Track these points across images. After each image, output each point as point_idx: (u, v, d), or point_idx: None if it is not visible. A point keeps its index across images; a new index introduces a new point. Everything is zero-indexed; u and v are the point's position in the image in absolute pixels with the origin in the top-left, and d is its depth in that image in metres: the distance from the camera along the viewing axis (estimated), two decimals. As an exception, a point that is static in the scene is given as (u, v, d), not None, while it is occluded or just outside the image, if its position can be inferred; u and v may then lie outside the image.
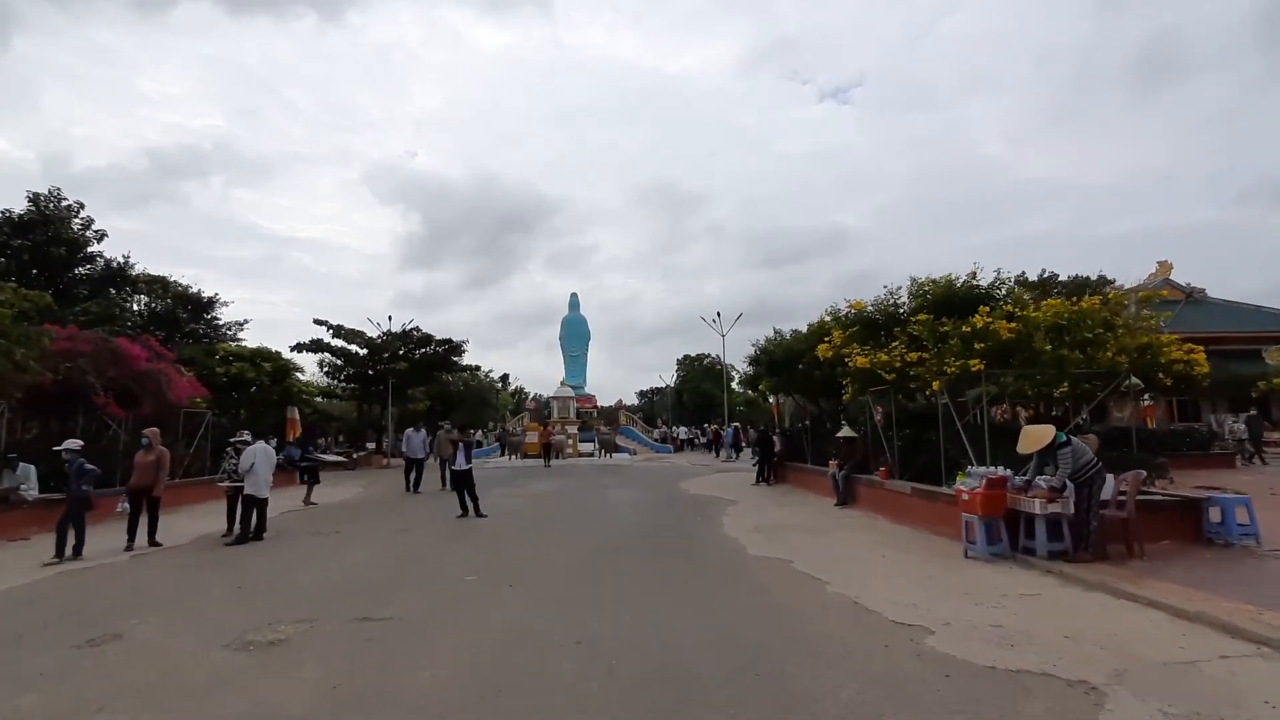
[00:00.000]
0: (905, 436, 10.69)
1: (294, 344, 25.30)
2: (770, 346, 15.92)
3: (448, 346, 28.17)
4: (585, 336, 43.21)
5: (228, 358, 17.62)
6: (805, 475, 14.90)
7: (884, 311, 10.86)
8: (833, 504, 11.76)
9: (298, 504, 13.36)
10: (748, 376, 17.09)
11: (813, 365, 14.25)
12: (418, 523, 10.49)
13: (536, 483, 17.93)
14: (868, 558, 7.30)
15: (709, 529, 9.55)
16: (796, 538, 8.64)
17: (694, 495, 14.36)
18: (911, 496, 9.19)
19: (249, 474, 9.31)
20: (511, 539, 8.72)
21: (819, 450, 14.76)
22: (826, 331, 14.47)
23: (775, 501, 12.91)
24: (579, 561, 7.13)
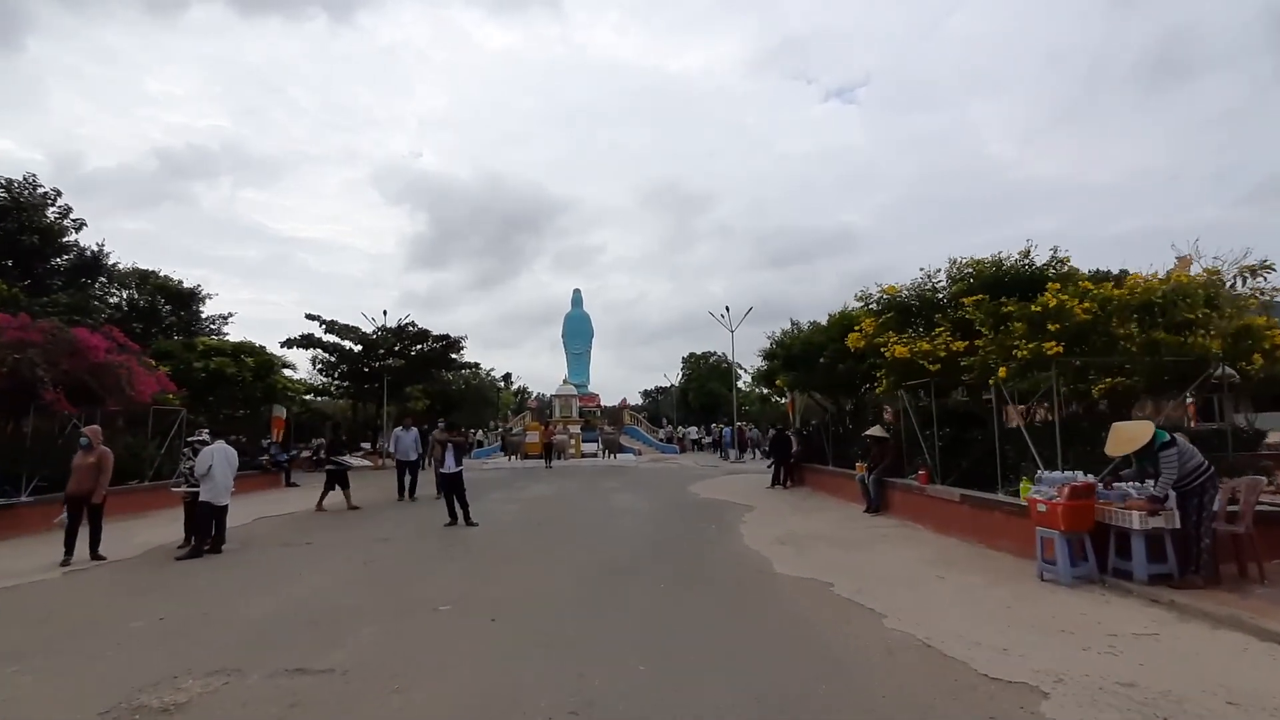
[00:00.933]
0: (945, 436, 9.51)
1: (284, 339, 24.32)
2: (787, 339, 14.75)
3: (445, 343, 27.08)
4: (588, 334, 42.06)
5: (208, 352, 16.55)
6: (826, 478, 13.72)
7: (920, 296, 9.69)
8: (861, 511, 10.60)
9: (277, 509, 12.27)
10: (761, 372, 15.93)
11: (835, 359, 13.10)
12: (401, 532, 9.36)
13: (536, 486, 16.80)
14: (922, 579, 6.14)
15: (727, 540, 8.39)
16: (829, 552, 7.48)
17: (705, 500, 13.20)
18: (960, 505, 8.02)
19: (205, 478, 8.21)
20: (501, 554, 7.58)
21: (841, 451, 13.58)
22: (851, 321, 13.32)
23: (795, 507, 11.74)
24: (578, 585, 5.98)
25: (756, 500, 12.86)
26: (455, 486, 9.87)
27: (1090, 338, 6.73)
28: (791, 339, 14.63)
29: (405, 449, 13.67)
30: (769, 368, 15.52)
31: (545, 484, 17.30)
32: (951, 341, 8.33)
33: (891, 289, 9.98)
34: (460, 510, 9.80)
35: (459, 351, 27.77)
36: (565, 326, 42.27)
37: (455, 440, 10.25)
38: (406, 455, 13.66)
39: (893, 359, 8.61)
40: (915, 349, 8.32)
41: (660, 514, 11.10)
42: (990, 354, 7.25)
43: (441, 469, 10.11)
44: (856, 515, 10.41)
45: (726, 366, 53.60)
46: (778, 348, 14.87)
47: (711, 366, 52.86)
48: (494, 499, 13.64)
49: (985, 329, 7.62)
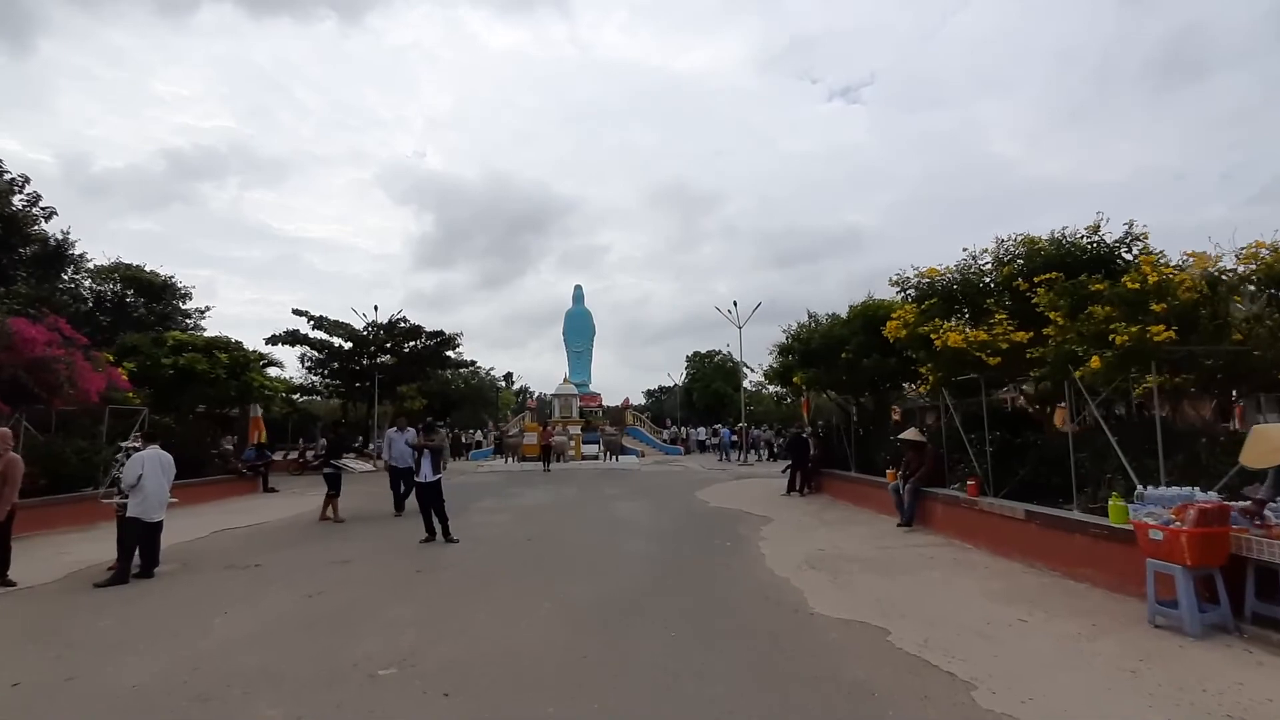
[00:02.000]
0: (995, 441, 8.21)
1: (268, 336, 23.15)
2: (804, 333, 13.47)
3: (440, 339, 25.88)
4: (590, 331, 40.76)
5: (178, 348, 15.35)
6: (848, 485, 12.44)
7: (965, 280, 8.42)
8: (895, 525, 9.33)
9: (245, 519, 11.05)
10: (775, 370, 14.64)
11: (859, 353, 11.84)
12: (367, 552, 8.12)
13: (531, 492, 15.55)
14: (999, 623, 4.86)
15: (747, 563, 7.13)
16: (871, 581, 6.21)
17: (716, 509, 11.93)
18: (1026, 523, 6.74)
19: (134, 489, 6.99)
20: (477, 585, 6.32)
21: (865, 456, 12.29)
22: (877, 312, 12.05)
23: (818, 519, 10.46)
24: (565, 634, 4.72)
25: (773, 510, 11.59)
26: (433, 498, 8.63)
27: (1197, 321, 5.45)
28: (809, 333, 13.35)
29: (400, 453, 11.67)
30: (784, 365, 14.24)
31: (541, 490, 16.05)
32: (1012, 331, 7.05)
33: (933, 271, 8.69)
34: (439, 525, 8.58)
35: (454, 349, 26.60)
36: (566, 324, 40.99)
37: (430, 445, 8.98)
38: (402, 460, 11.68)
39: (943, 350, 7.33)
40: (971, 339, 7.04)
41: (666, 528, 9.84)
42: (1069, 342, 5.97)
43: (417, 478, 8.86)
44: (889, 530, 9.14)
45: (732, 365, 52.31)
46: (794, 342, 13.59)
47: (717, 365, 51.55)
48: (482, 508, 12.40)
49: (1058, 315, 6.33)
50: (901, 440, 9.70)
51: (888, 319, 12.01)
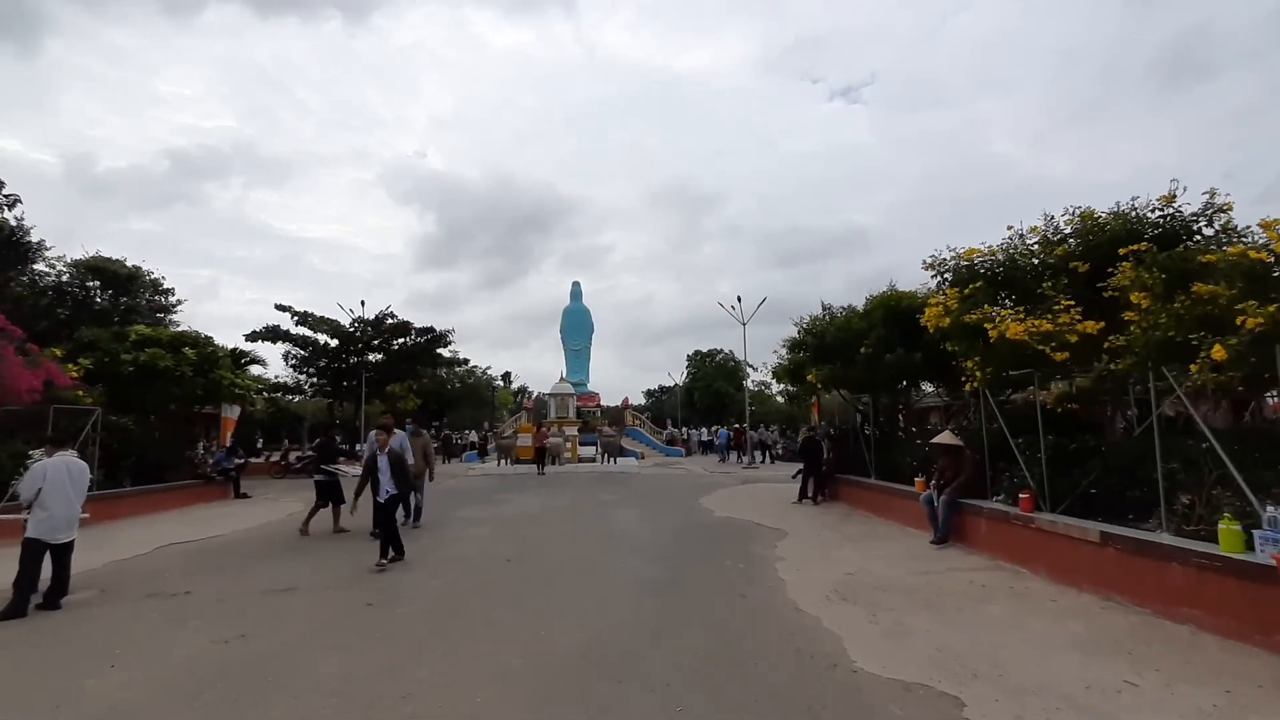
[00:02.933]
0: (1050, 446, 7.06)
1: (248, 332, 22.01)
2: (818, 326, 12.33)
3: (430, 336, 24.74)
4: (588, 329, 39.57)
5: (141, 342, 14.20)
6: (867, 493, 11.30)
7: (1013, 261, 7.29)
8: (928, 541, 8.21)
9: (200, 532, 9.92)
10: (785, 367, 13.50)
11: (881, 348, 10.70)
12: (319, 576, 6.97)
13: (521, 498, 14.41)
14: (1102, 687, 3.73)
15: (765, 593, 5.99)
16: (921, 620, 5.08)
17: (723, 520, 10.80)
18: (1102, 548, 5.60)
19: (35, 504, 5.86)
20: (436, 627, 5.17)
21: (887, 461, 11.14)
22: (901, 303, 10.93)
23: (839, 533, 9.33)
24: (536, 708, 3.59)
25: (786, 520, 10.45)
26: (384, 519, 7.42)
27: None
28: (824, 326, 12.21)
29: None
30: (795, 361, 13.10)
31: (532, 495, 14.91)
32: (1077, 320, 5.92)
33: (972, 252, 7.56)
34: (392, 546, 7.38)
35: (445, 346, 25.44)
36: (563, 321, 39.78)
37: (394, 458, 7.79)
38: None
39: (998, 343, 6.19)
40: (1034, 330, 5.91)
41: (668, 544, 8.70)
42: (1161, 328, 4.84)
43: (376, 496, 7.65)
44: (923, 548, 8.01)
45: (734, 364, 51.18)
46: (807, 336, 12.44)
47: (718, 365, 50.45)
48: (464, 517, 11.27)
49: (1144, 296, 5.20)
50: (934, 445, 8.57)
51: (912, 310, 10.92)
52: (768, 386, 43.95)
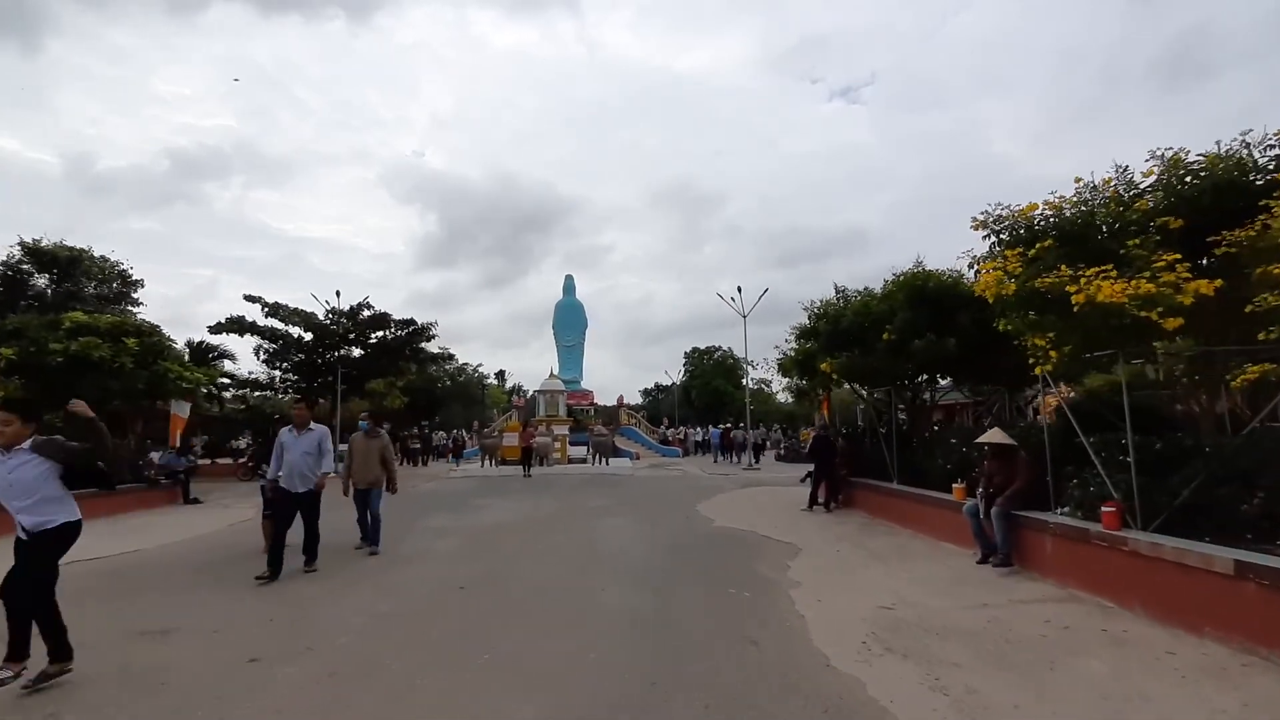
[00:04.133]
0: (1140, 445, 5.65)
1: (212, 325, 20.53)
2: (833, 311, 10.92)
3: (411, 330, 23.26)
4: (582, 324, 38.07)
5: (76, 330, 12.74)
6: (890, 500, 9.89)
7: (1090, 214, 5.88)
8: (973, 560, 6.82)
9: (126, 544, 8.45)
10: (793, 358, 12.10)
11: (908, 333, 9.32)
12: (206, 612, 5.54)
13: (500, 504, 12.99)
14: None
15: (782, 638, 4.58)
16: (996, 684, 3.68)
17: (724, 531, 9.40)
18: (1237, 582, 4.19)
19: None
20: (324, 700, 3.75)
21: (913, 464, 9.73)
22: (924, 283, 9.55)
23: (861, 547, 7.93)
24: None
25: (797, 532, 9.05)
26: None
27: None
28: (839, 310, 10.81)
29: (294, 469, 6.62)
30: (804, 351, 11.70)
31: (514, 500, 13.49)
32: (1187, 278, 4.53)
33: (1033, 207, 6.14)
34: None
35: (428, 339, 23.95)
36: (556, 316, 38.27)
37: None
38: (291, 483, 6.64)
39: (1086, 311, 4.78)
40: (1134, 291, 4.51)
41: (660, 564, 7.29)
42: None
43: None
44: (970, 570, 6.62)
45: (733, 362, 49.79)
46: (820, 322, 11.03)
47: (716, 362, 49.07)
48: (429, 528, 9.84)
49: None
50: (981, 445, 7.16)
51: (941, 292, 9.54)
52: (768, 384, 42.64)
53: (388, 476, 8.09)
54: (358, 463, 7.93)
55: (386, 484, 8.10)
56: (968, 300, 9.38)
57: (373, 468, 7.93)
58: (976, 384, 9.99)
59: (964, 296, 9.41)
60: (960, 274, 9.65)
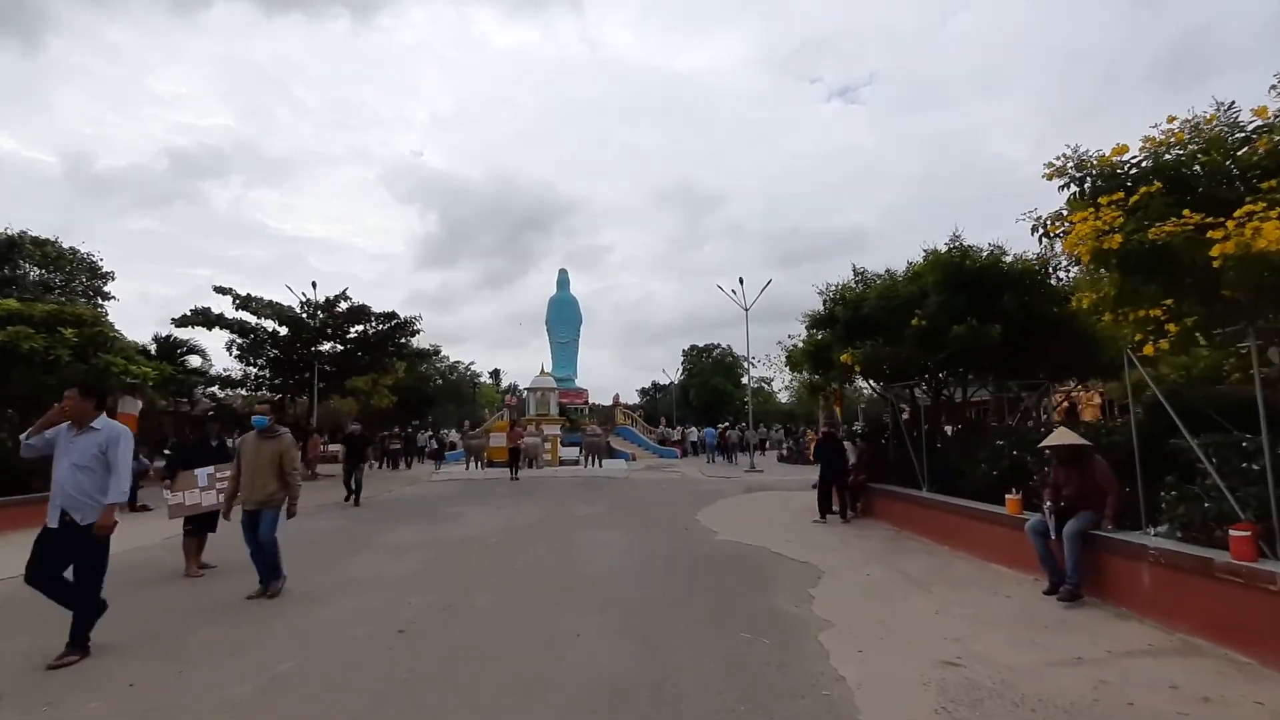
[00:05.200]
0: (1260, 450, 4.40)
1: (176, 317, 19.19)
2: (853, 295, 9.66)
3: (392, 323, 21.92)
4: (576, 320, 36.69)
5: (7, 319, 11.41)
6: (919, 510, 8.61)
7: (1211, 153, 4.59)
8: (1040, 589, 5.56)
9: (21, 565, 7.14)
10: (803, 350, 10.84)
11: (943, 317, 8.08)
12: (31, 666, 4.25)
13: (478, 513, 11.69)
14: None
15: (823, 714, 3.31)
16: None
17: (729, 547, 8.12)
18: None
19: None
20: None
21: (946, 469, 8.45)
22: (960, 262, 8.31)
23: (895, 569, 6.64)
24: None
25: (814, 548, 7.77)
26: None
27: None
28: (859, 294, 9.54)
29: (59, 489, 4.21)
30: (817, 342, 10.43)
31: (494, 508, 12.19)
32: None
33: (1121, 149, 4.86)
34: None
35: (411, 334, 22.61)
36: (549, 311, 36.86)
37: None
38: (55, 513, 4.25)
39: (1239, 264, 3.47)
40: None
41: (655, 594, 6.00)
42: None
43: None
44: (1035, 600, 5.36)
45: (732, 360, 48.55)
46: (837, 307, 9.76)
47: (716, 360, 47.80)
48: (389, 543, 8.54)
49: None
50: (1045, 448, 5.89)
51: (981, 272, 8.28)
52: (768, 383, 41.41)
53: (289, 495, 5.86)
54: (245, 473, 5.85)
55: (287, 505, 5.87)
56: (1013, 280, 8.15)
57: (265, 481, 5.77)
58: (1017, 377, 8.72)
59: (1009, 276, 8.17)
60: (1001, 250, 8.40)
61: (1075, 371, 9.09)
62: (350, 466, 12.87)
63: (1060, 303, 7.91)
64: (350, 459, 12.97)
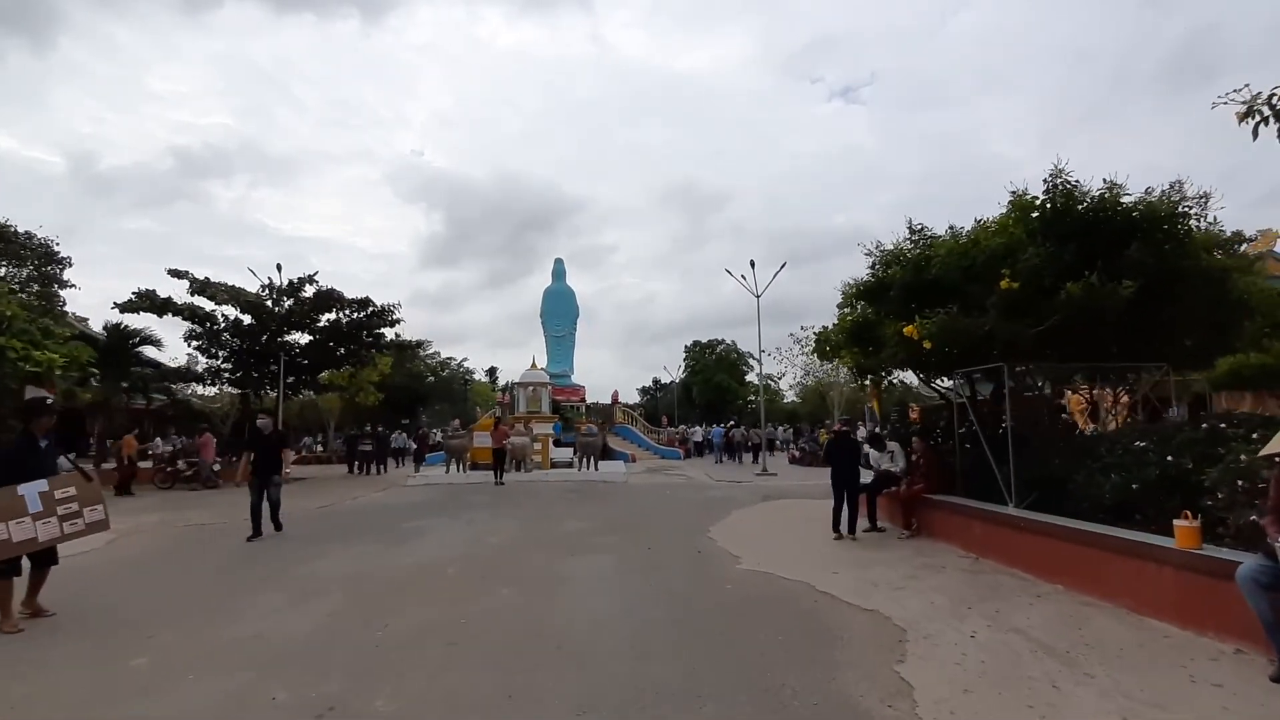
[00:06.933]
0: None
1: (121, 302, 17.13)
2: (913, 254, 7.62)
3: (369, 311, 19.85)
4: (573, 313, 34.55)
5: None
6: (1002, 533, 6.52)
7: None
8: (1260, 668, 3.52)
9: None
10: (840, 329, 8.81)
11: (1054, 273, 6.06)
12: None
13: (445, 527, 9.65)
14: None
15: None
16: None
17: (757, 580, 6.07)
18: None
19: None
20: None
21: (1036, 478, 6.39)
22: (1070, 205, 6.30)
23: (1014, 630, 4.57)
24: None
25: (873, 585, 5.72)
26: None
27: None
28: (919, 254, 7.49)
29: None
30: (860, 317, 8.40)
31: (464, 522, 10.14)
32: None
33: None
34: None
35: (390, 324, 20.54)
36: (544, 303, 34.68)
37: None
38: None
39: None
40: None
41: (659, 675, 3.95)
42: None
43: None
44: (1267, 693, 3.32)
45: (736, 356, 46.52)
46: (890, 270, 7.70)
47: (719, 356, 45.75)
48: (307, 573, 6.49)
49: None
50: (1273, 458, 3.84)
51: (1100, 214, 6.25)
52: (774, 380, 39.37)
53: None
54: None
55: None
56: (1141, 225, 6.10)
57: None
58: (1141, 357, 6.66)
59: (1138, 220, 6.12)
60: (1120, 188, 6.33)
61: (1218, 347, 7.03)
62: (262, 480, 8.42)
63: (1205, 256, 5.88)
64: (260, 467, 8.49)
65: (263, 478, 8.44)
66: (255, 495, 8.35)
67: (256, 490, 8.37)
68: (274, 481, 8.55)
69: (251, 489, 8.41)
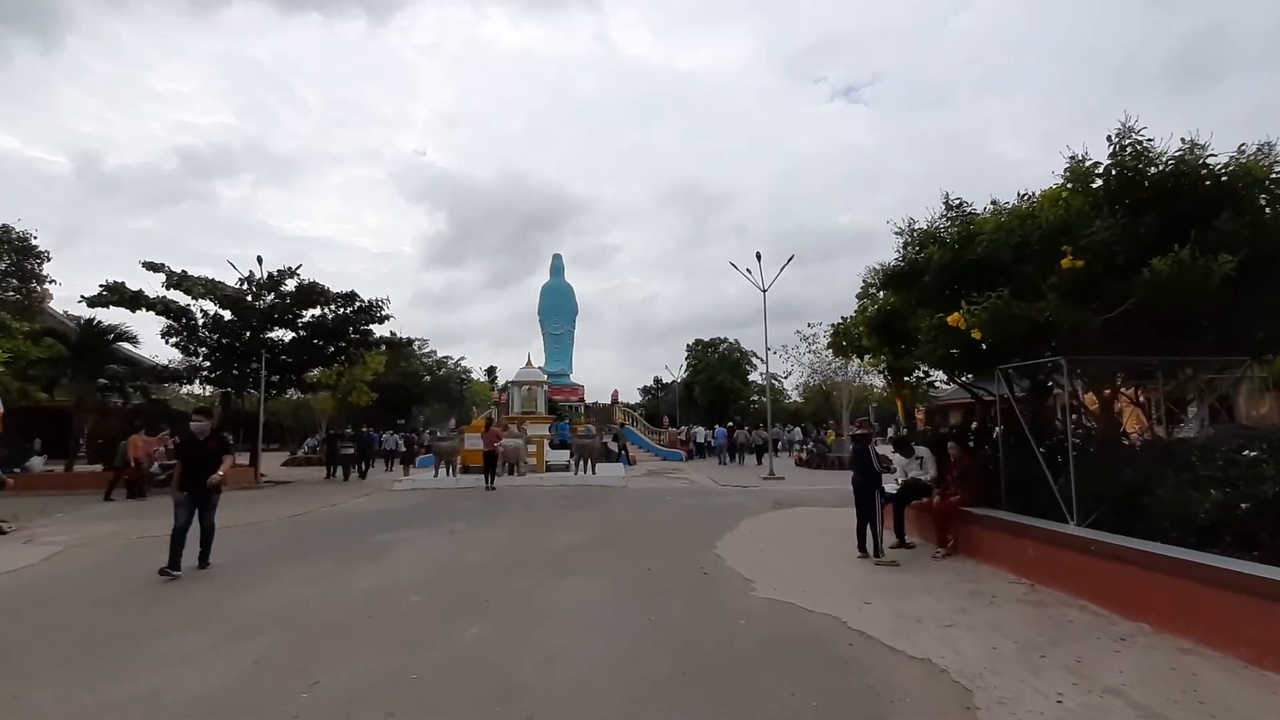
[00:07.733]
0: None
1: (89, 296, 16.19)
2: (955, 231, 6.65)
3: (355, 306, 18.90)
4: (572, 310, 33.55)
5: None
6: (1061, 556, 5.55)
7: None
8: None
9: None
10: (863, 318, 7.86)
11: (1131, 248, 5.09)
12: None
13: (420, 540, 8.69)
14: None
15: None
16: None
17: (776, 611, 5.11)
18: None
19: None
20: None
21: (1100, 491, 5.41)
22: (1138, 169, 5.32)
23: (1105, 689, 3.59)
24: None
25: (916, 621, 4.75)
26: None
27: None
28: (961, 232, 6.52)
29: None
30: (885, 307, 7.43)
31: (443, 536, 9.18)
32: None
33: None
34: None
35: (378, 320, 19.57)
36: (542, 300, 33.68)
37: None
38: None
39: None
40: None
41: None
42: None
43: None
44: None
45: (739, 355, 45.49)
46: (927, 250, 6.72)
47: (722, 355, 44.75)
48: (242, 607, 5.51)
49: None
50: None
51: (1179, 180, 5.29)
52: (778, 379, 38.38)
53: None
54: None
55: None
56: (1232, 191, 5.13)
57: None
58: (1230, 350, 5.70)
59: (1226, 186, 5.15)
60: (1202, 148, 5.34)
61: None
62: (194, 498, 6.52)
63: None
64: (193, 480, 6.48)
65: (195, 495, 6.49)
66: (183, 516, 6.40)
67: (186, 509, 6.42)
68: (209, 503, 6.69)
69: (179, 508, 6.41)
